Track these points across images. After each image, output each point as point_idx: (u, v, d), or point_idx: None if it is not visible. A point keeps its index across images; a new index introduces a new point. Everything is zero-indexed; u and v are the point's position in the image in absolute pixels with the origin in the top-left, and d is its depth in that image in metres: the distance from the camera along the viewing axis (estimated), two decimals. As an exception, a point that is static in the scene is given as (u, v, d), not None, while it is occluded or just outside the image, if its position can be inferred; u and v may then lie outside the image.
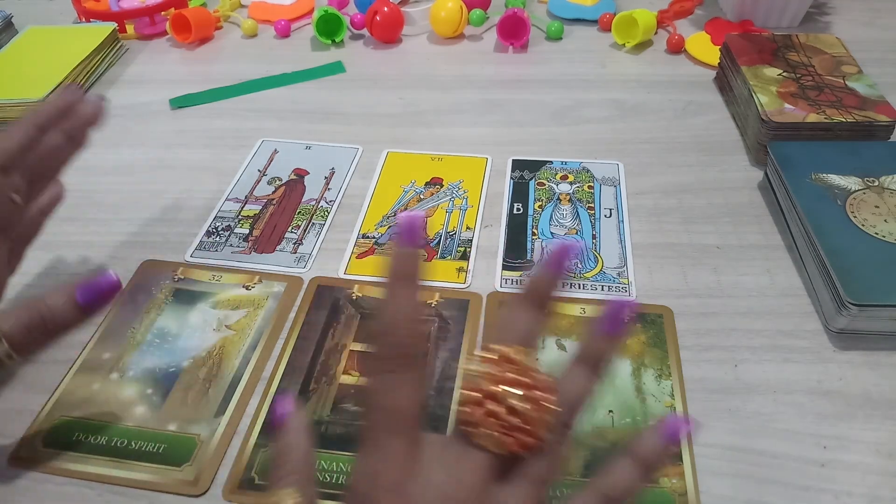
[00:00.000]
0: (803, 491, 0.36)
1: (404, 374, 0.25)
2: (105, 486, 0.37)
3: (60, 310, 0.35)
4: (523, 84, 0.70)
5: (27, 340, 0.35)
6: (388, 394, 0.25)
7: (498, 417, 0.24)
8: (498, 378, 0.25)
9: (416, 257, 0.27)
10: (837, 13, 0.78)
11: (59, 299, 0.35)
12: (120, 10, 0.79)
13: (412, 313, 0.26)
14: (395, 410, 0.25)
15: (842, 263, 0.43)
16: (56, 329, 0.35)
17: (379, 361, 0.26)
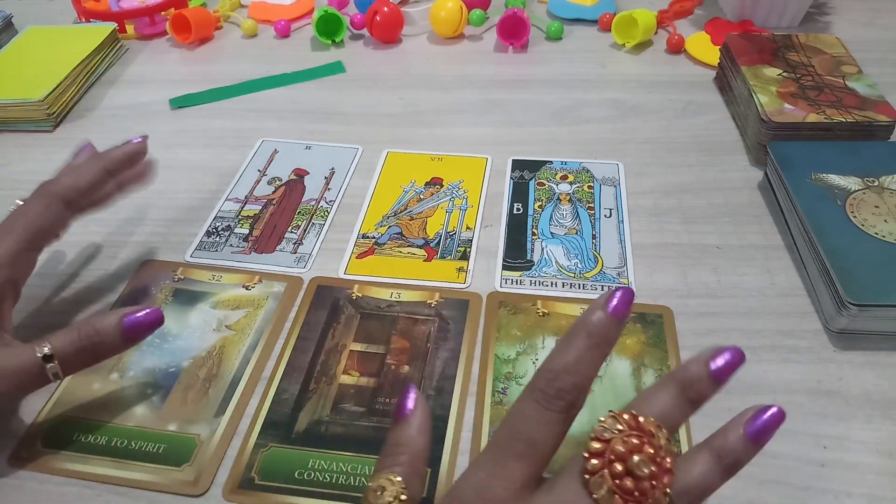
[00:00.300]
0: (803, 491, 0.36)
1: (555, 415, 0.27)
2: (105, 486, 0.37)
3: (109, 337, 0.36)
4: (523, 84, 0.70)
5: (75, 361, 0.36)
6: (533, 424, 0.26)
7: (618, 478, 0.25)
8: (631, 443, 0.26)
9: (619, 329, 0.28)
10: (837, 13, 0.78)
11: (109, 326, 0.36)
12: (120, 10, 0.79)
13: (589, 373, 0.27)
14: (533, 441, 0.26)
15: (842, 263, 0.43)
16: (102, 353, 0.37)
17: (537, 392, 0.27)
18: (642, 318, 0.45)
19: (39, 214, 0.41)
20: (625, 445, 0.26)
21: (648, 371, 0.41)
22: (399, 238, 0.52)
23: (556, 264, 0.49)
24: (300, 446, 0.39)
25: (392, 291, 0.47)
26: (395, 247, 0.51)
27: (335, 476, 0.37)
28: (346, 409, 0.40)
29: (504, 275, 0.48)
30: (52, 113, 0.65)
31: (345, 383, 0.42)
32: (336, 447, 0.38)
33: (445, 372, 0.42)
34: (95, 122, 0.66)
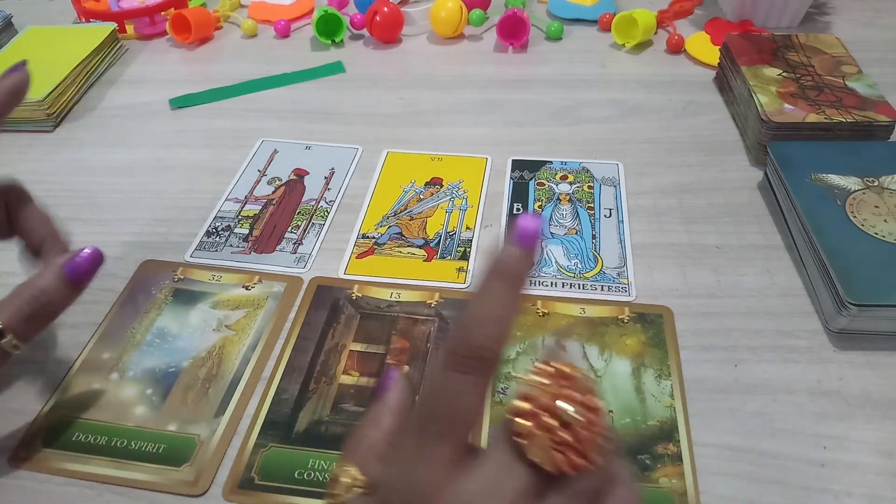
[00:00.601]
0: (803, 491, 0.36)
1: (473, 378, 0.24)
2: (105, 486, 0.37)
3: (54, 290, 0.35)
4: (523, 84, 0.70)
5: (29, 327, 0.35)
6: (450, 396, 0.24)
7: (551, 432, 0.23)
8: (554, 392, 0.24)
9: (528, 262, 0.25)
10: (837, 13, 0.78)
11: (50, 280, 0.35)
12: (120, 10, 0.79)
13: (504, 315, 0.24)
14: (452, 416, 0.24)
15: (842, 263, 0.43)
16: (54, 310, 0.36)
17: (451, 357, 0.24)
18: (642, 318, 0.45)
19: None
20: (550, 396, 0.24)
21: (648, 371, 0.41)
22: (399, 238, 0.52)
23: (556, 264, 0.49)
24: (300, 446, 0.39)
25: (392, 291, 0.47)
26: (395, 247, 0.51)
27: (335, 476, 0.37)
28: (346, 409, 0.40)
29: (504, 275, 0.48)
30: (52, 113, 0.65)
31: (345, 383, 0.42)
32: (336, 447, 0.38)
33: (445, 372, 0.42)
34: (95, 122, 0.66)
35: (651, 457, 0.37)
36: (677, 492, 0.36)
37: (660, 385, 0.41)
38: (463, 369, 0.24)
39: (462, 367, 0.24)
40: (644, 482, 0.36)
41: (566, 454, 0.23)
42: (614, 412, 0.39)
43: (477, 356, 0.24)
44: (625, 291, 0.47)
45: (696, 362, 0.42)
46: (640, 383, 0.41)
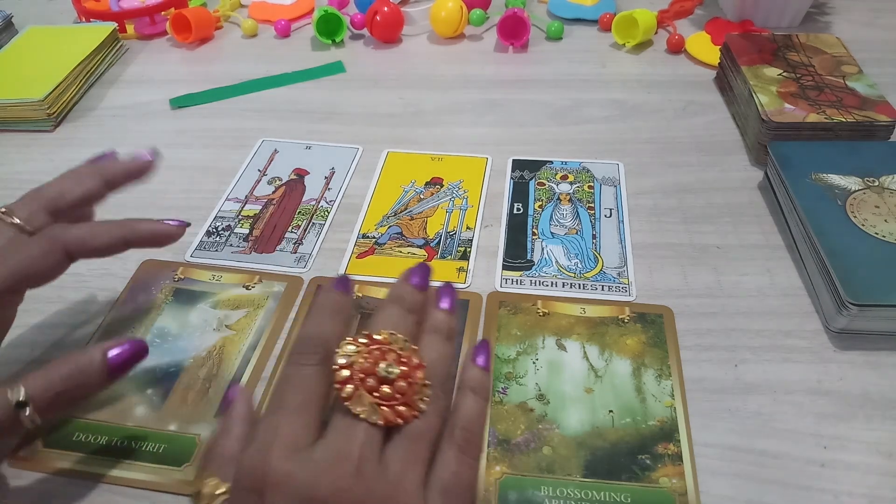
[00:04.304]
0: (803, 491, 0.36)
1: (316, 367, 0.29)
2: (105, 486, 0.37)
3: (92, 374, 0.34)
4: (523, 84, 0.70)
5: (54, 404, 0.33)
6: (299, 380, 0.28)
7: (374, 391, 0.27)
8: (373, 355, 0.28)
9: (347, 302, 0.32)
10: (837, 13, 0.78)
11: (91, 363, 0.34)
12: (120, 10, 0.79)
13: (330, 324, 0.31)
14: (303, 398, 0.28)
15: (842, 263, 0.43)
16: (83, 393, 0.34)
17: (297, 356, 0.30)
18: (642, 317, 0.45)
19: (35, 259, 0.37)
20: (367, 359, 0.28)
21: (648, 371, 0.41)
22: (399, 238, 0.52)
23: (557, 264, 0.49)
24: (300, 446, 0.38)
25: (392, 291, 0.47)
26: (396, 247, 0.51)
27: (335, 476, 0.37)
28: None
29: (504, 275, 0.48)
30: (52, 113, 0.65)
31: (345, 383, 0.42)
32: (336, 447, 0.38)
33: (445, 372, 0.42)
34: (95, 122, 0.66)
35: (651, 457, 0.37)
36: (677, 492, 0.36)
37: (660, 385, 0.41)
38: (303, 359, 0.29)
39: (302, 358, 0.29)
40: (644, 482, 0.36)
41: (391, 406, 0.27)
42: (614, 412, 0.39)
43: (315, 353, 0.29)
44: (625, 291, 0.47)
45: (697, 362, 0.42)
46: (641, 383, 0.41)
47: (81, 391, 0.34)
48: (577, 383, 0.41)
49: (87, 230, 0.39)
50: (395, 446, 0.27)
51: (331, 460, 0.26)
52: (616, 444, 0.38)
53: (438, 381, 0.29)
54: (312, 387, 0.28)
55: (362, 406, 0.27)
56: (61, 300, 0.48)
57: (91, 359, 0.34)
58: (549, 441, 0.38)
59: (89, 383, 0.34)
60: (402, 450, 0.27)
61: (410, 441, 0.27)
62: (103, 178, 0.42)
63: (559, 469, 0.37)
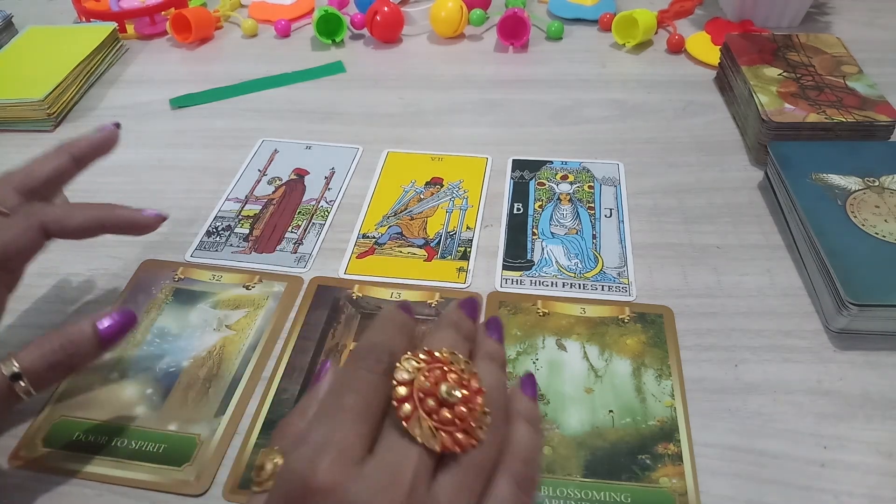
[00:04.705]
0: (803, 491, 0.36)
1: (380, 376, 0.27)
2: (105, 486, 0.37)
3: (85, 347, 0.35)
4: (523, 84, 0.70)
5: (48, 376, 0.35)
6: (362, 385, 0.26)
7: (433, 413, 0.25)
8: (434, 374, 0.26)
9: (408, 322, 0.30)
10: (837, 13, 0.78)
11: (82, 334, 0.35)
12: (120, 10, 0.79)
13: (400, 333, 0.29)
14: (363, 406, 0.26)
15: (842, 263, 0.43)
16: (76, 364, 0.35)
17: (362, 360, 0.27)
18: (642, 317, 0.45)
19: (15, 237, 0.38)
20: (428, 379, 0.26)
21: (648, 371, 0.41)
22: (399, 238, 0.52)
23: (557, 264, 0.49)
24: (300, 446, 0.38)
25: (392, 291, 0.47)
26: (396, 247, 0.51)
27: (335, 476, 0.37)
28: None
29: (504, 275, 0.48)
30: (52, 113, 0.65)
31: (345, 383, 0.42)
32: (336, 447, 0.38)
33: (445, 372, 0.42)
34: (95, 122, 0.66)
35: (651, 457, 0.37)
36: (677, 492, 0.36)
37: (660, 385, 0.41)
38: (364, 364, 0.27)
39: (363, 362, 0.27)
40: (644, 482, 0.36)
41: (450, 433, 0.25)
42: (614, 412, 0.39)
43: (377, 350, 0.27)
44: (625, 291, 0.47)
45: (697, 362, 0.42)
46: (641, 383, 0.41)
47: (74, 362, 0.35)
48: (577, 383, 0.41)
49: (65, 209, 0.40)
50: (449, 475, 0.25)
51: (383, 480, 0.24)
52: (616, 444, 0.38)
53: (496, 408, 0.27)
54: (373, 396, 0.26)
55: (420, 429, 0.25)
56: (61, 300, 0.48)
57: (82, 330, 0.35)
58: (549, 441, 0.38)
59: (82, 354, 0.35)
60: (456, 480, 0.25)
61: (465, 471, 0.26)
62: (70, 154, 0.42)
63: (559, 469, 0.37)
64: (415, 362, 0.26)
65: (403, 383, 0.26)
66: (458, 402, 0.26)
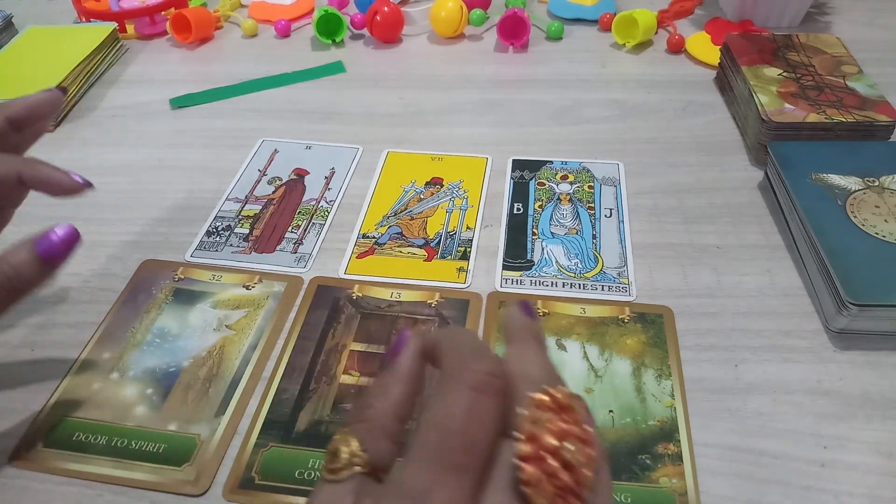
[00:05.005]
0: (803, 491, 0.36)
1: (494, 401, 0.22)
2: (105, 486, 0.37)
3: (24, 267, 0.34)
4: (523, 84, 0.70)
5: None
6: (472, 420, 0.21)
7: (554, 475, 0.21)
8: (556, 430, 0.22)
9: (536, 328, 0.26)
10: (837, 13, 0.78)
11: (20, 256, 0.34)
12: (120, 10, 0.79)
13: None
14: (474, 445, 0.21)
15: (842, 263, 0.43)
16: (23, 288, 0.34)
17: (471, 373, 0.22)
18: (642, 317, 0.45)
19: None
20: (554, 435, 0.22)
21: (648, 371, 0.41)
22: (399, 238, 0.52)
23: (557, 264, 0.49)
24: (300, 446, 0.39)
25: (392, 291, 0.47)
26: (396, 247, 0.51)
27: (335, 476, 0.37)
28: (347, 408, 0.40)
29: (504, 275, 0.48)
30: (53, 113, 0.65)
31: (345, 383, 0.42)
32: (336, 447, 0.38)
33: (445, 372, 0.42)
34: (95, 122, 0.66)
35: (651, 457, 0.37)
36: (677, 492, 0.36)
37: (660, 385, 0.41)
38: (485, 389, 0.22)
39: (484, 387, 0.22)
40: (644, 482, 0.36)
41: (566, 498, 0.22)
42: (614, 412, 0.39)
43: (499, 375, 0.22)
44: (625, 291, 0.47)
45: (697, 362, 0.42)
46: (641, 383, 0.41)
47: (18, 286, 0.34)
48: (577, 383, 0.41)
49: None
50: None
51: None
52: (616, 444, 0.38)
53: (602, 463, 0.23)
54: (484, 432, 0.21)
55: (543, 499, 0.21)
56: (61, 300, 0.48)
57: (18, 254, 0.34)
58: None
59: (24, 278, 0.34)
60: None
61: None
62: (4, 115, 0.40)
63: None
64: (541, 413, 0.22)
65: (530, 437, 0.21)
66: (581, 464, 0.21)
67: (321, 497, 0.22)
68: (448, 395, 0.22)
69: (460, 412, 0.21)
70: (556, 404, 0.22)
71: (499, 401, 0.22)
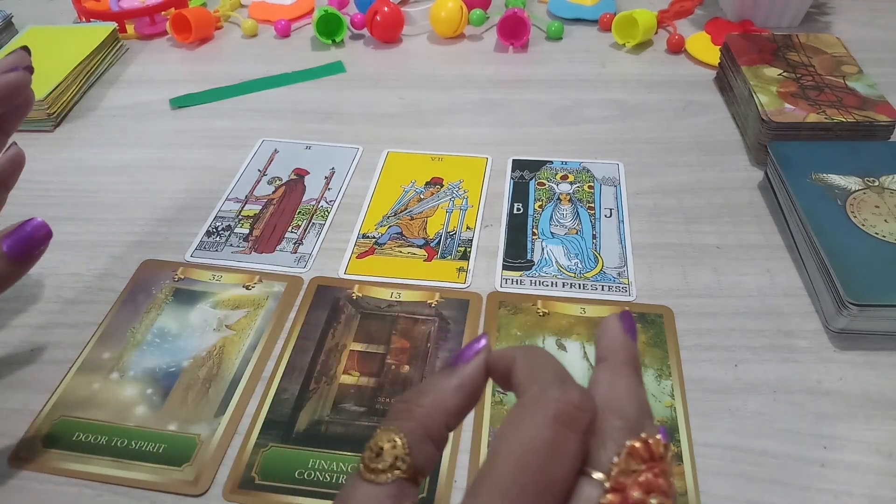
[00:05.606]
0: (803, 491, 0.36)
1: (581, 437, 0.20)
2: (105, 486, 0.37)
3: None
4: (523, 84, 0.70)
5: None
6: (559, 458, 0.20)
7: None
8: (647, 482, 0.20)
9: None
10: (837, 13, 0.78)
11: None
12: (120, 10, 0.79)
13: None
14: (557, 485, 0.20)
15: (842, 263, 0.43)
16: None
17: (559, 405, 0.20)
18: (642, 318, 0.45)
19: None
20: (642, 488, 0.20)
21: (649, 371, 0.41)
22: (399, 238, 0.52)
23: (557, 264, 0.49)
24: (300, 446, 0.39)
25: (392, 291, 0.47)
26: (396, 247, 0.51)
27: (335, 476, 0.37)
28: (347, 408, 0.40)
29: (504, 275, 0.48)
30: (52, 113, 0.65)
31: (345, 383, 0.42)
32: (336, 447, 0.38)
33: (445, 372, 0.42)
34: (95, 122, 0.66)
35: (651, 457, 0.37)
36: (678, 492, 0.36)
37: (660, 385, 0.41)
38: (570, 423, 0.20)
39: (570, 421, 0.20)
40: (644, 482, 0.36)
41: None
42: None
43: (588, 409, 0.20)
44: (625, 291, 0.47)
45: (696, 362, 0.42)
46: (641, 383, 0.41)
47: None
48: (577, 383, 0.41)
49: None
50: None
51: None
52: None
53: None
54: (565, 471, 0.20)
55: None
56: (61, 300, 0.48)
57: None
58: (549, 441, 0.38)
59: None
60: None
61: None
62: None
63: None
64: (634, 463, 0.20)
65: (617, 487, 0.20)
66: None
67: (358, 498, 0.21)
68: (529, 424, 0.20)
69: (542, 446, 0.20)
70: (649, 453, 0.21)
71: (584, 437, 0.20)
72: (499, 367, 0.23)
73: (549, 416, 0.20)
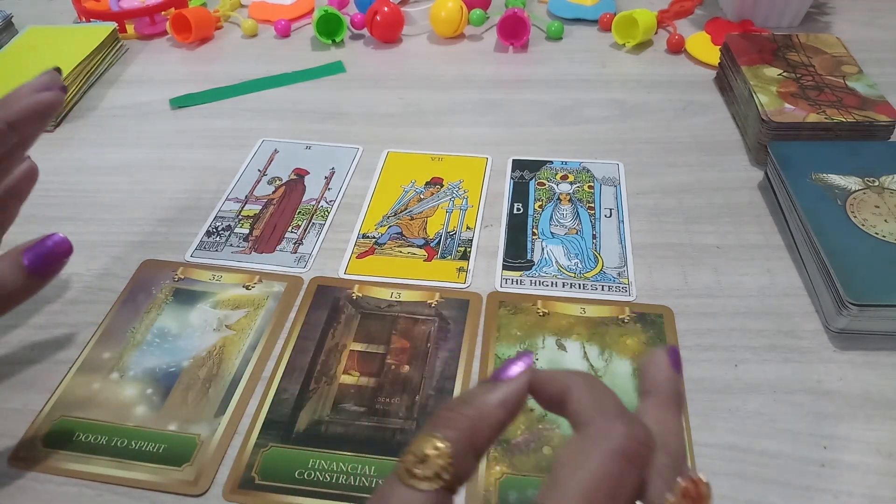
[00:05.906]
0: (803, 491, 0.36)
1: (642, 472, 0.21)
2: (105, 486, 0.37)
3: (13, 281, 0.32)
4: (523, 84, 0.70)
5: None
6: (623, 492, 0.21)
7: None
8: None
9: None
10: (837, 13, 0.78)
11: (8, 270, 0.32)
12: (120, 10, 0.79)
13: None
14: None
15: (842, 263, 0.43)
16: (11, 301, 0.33)
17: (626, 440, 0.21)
18: (642, 317, 0.45)
19: None
20: None
21: (648, 371, 0.41)
22: (399, 238, 0.52)
23: (557, 264, 0.49)
24: (300, 446, 0.39)
25: (392, 291, 0.47)
26: (396, 247, 0.51)
27: (335, 476, 0.37)
28: (347, 408, 0.40)
29: (504, 275, 0.48)
30: (53, 113, 0.65)
31: (345, 383, 0.42)
32: (336, 447, 0.38)
33: (445, 372, 0.42)
34: (95, 122, 0.66)
35: (651, 457, 0.37)
36: (677, 492, 0.36)
37: (660, 385, 0.41)
38: (634, 459, 0.21)
39: (634, 457, 0.21)
40: (644, 482, 0.36)
41: None
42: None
43: (650, 445, 0.21)
44: (625, 291, 0.47)
45: (697, 362, 0.42)
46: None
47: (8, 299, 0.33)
48: (577, 383, 0.41)
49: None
50: None
51: None
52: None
53: None
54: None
55: None
56: (61, 300, 0.48)
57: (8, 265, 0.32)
58: (549, 441, 0.38)
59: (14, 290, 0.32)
60: None
61: None
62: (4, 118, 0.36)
63: None
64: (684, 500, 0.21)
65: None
66: None
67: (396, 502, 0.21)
68: (597, 457, 0.21)
69: (609, 480, 0.20)
70: (697, 494, 0.22)
71: (645, 472, 0.21)
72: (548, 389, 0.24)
73: (616, 450, 0.21)
